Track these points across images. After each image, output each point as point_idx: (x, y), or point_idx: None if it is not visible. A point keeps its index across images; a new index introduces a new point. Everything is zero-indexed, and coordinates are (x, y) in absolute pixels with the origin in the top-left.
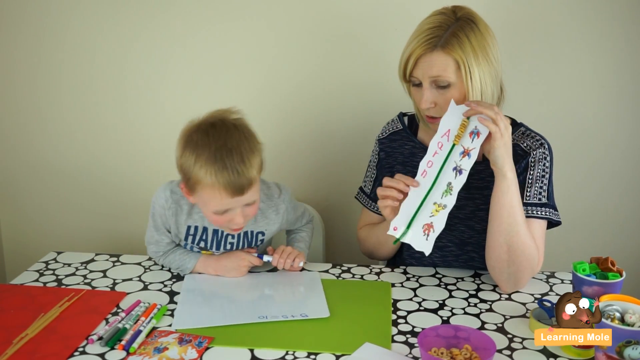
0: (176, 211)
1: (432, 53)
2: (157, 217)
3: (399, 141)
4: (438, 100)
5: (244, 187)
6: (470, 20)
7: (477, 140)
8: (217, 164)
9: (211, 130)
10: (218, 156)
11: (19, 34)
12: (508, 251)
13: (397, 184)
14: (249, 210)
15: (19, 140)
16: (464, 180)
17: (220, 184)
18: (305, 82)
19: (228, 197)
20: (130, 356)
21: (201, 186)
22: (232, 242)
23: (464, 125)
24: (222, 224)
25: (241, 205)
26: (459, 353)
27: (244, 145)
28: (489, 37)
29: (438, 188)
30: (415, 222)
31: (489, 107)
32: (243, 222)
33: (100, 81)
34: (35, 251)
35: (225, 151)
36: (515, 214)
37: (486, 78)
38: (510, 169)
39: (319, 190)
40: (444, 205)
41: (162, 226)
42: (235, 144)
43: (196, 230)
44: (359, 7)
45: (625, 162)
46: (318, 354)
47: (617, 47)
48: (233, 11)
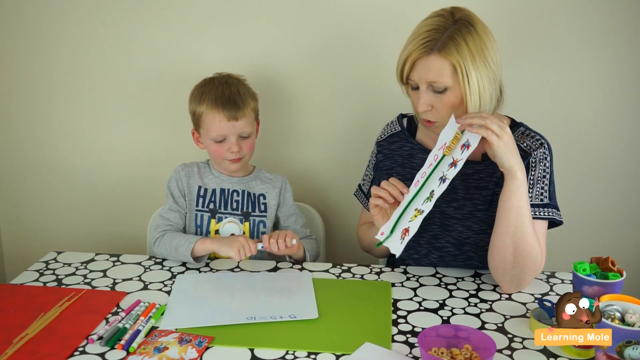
0: (188, 173)
1: (429, 57)
2: (173, 187)
3: (398, 143)
4: (435, 103)
5: (237, 111)
6: (468, 22)
7: (466, 152)
8: (217, 92)
9: (217, 77)
10: (220, 89)
11: (15, 34)
12: (514, 252)
13: (392, 190)
14: (244, 143)
15: (19, 140)
16: (445, 187)
17: (219, 106)
18: (304, 82)
19: (224, 119)
20: (130, 356)
21: (205, 114)
22: (237, 199)
23: (457, 138)
24: (221, 153)
25: (236, 134)
26: (459, 353)
27: (242, 88)
28: (487, 39)
29: (422, 195)
30: (398, 227)
31: (476, 116)
32: (238, 151)
33: (99, 81)
34: (35, 251)
35: (226, 86)
36: (523, 215)
37: (484, 81)
38: (520, 169)
39: (319, 190)
40: (422, 210)
41: (178, 192)
42: (235, 85)
43: (206, 192)
44: (359, 8)
45: (626, 162)
46: (318, 353)
47: (617, 47)
48: (232, 13)
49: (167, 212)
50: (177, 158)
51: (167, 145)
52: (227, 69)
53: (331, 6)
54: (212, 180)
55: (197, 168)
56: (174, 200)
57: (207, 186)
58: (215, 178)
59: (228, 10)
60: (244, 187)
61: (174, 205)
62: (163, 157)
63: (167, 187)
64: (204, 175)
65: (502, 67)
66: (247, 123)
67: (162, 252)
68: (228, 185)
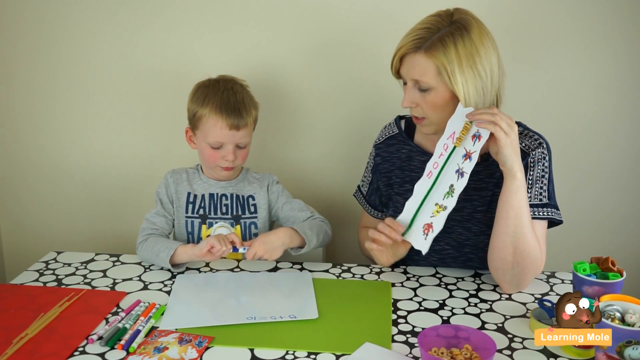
0: (176, 180)
1: (415, 54)
2: (161, 194)
3: (396, 145)
4: (419, 101)
5: (240, 121)
6: (463, 26)
7: (478, 143)
8: (222, 98)
9: (222, 80)
10: (225, 96)
11: (15, 34)
12: (514, 253)
13: (389, 232)
14: (239, 152)
15: (19, 140)
16: (465, 183)
17: (222, 112)
18: (304, 82)
19: (226, 128)
20: (130, 356)
21: (206, 117)
22: (226, 203)
23: (467, 128)
24: (215, 159)
25: (234, 143)
26: (459, 353)
27: (247, 96)
28: (481, 46)
29: (440, 188)
30: (417, 221)
31: (486, 111)
32: (233, 159)
33: (100, 81)
34: (35, 251)
35: (232, 93)
36: (522, 216)
37: (469, 87)
38: (520, 170)
39: (319, 190)
40: (445, 206)
41: (167, 198)
42: (240, 92)
43: (195, 198)
44: (358, 7)
45: (625, 162)
46: (318, 353)
47: (616, 47)
48: (230, 14)
49: (154, 216)
50: (177, 158)
51: (168, 145)
52: (227, 69)
53: (329, 6)
54: (201, 186)
55: (185, 174)
56: (162, 205)
57: (196, 192)
58: (204, 183)
59: (227, 12)
60: (232, 191)
61: (162, 210)
62: (163, 158)
63: (156, 194)
64: (192, 181)
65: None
66: (247, 133)
67: (144, 256)
68: (217, 189)
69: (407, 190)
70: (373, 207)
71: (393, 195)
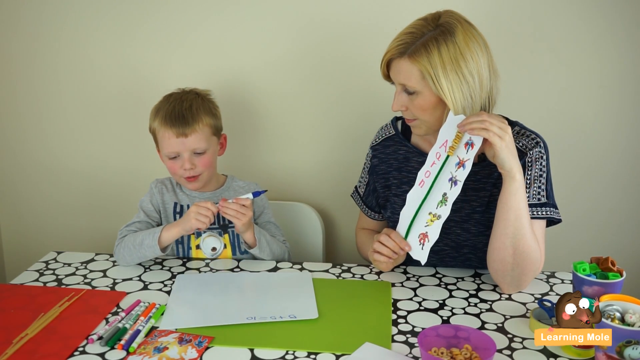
0: (162, 189)
1: (400, 60)
2: (145, 203)
3: (393, 147)
4: (408, 105)
5: (186, 128)
6: (447, 30)
7: (471, 151)
8: (168, 109)
9: (175, 93)
10: (171, 106)
11: (15, 34)
12: (513, 254)
13: (394, 246)
14: (198, 160)
15: (19, 140)
16: (458, 191)
17: (167, 122)
18: (303, 82)
19: (174, 136)
20: (130, 356)
21: (158, 130)
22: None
23: (459, 136)
24: (176, 170)
25: (188, 150)
26: (459, 353)
27: (197, 102)
28: (467, 50)
29: (433, 197)
30: (412, 231)
31: (475, 120)
32: (190, 168)
33: (99, 81)
34: (35, 251)
35: (178, 102)
36: (522, 217)
37: (454, 92)
38: (519, 171)
39: (319, 190)
40: (439, 215)
41: (152, 207)
42: (189, 100)
43: (182, 209)
44: (354, 11)
45: (625, 162)
46: (318, 353)
47: (617, 47)
48: (229, 15)
49: (134, 223)
50: None
51: None
52: (221, 75)
53: (322, 11)
54: (185, 198)
55: (170, 184)
56: (145, 215)
57: (182, 202)
58: (187, 195)
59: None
60: (217, 201)
61: (145, 218)
62: None
63: (140, 204)
64: (177, 191)
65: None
66: (199, 139)
67: (123, 254)
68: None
69: (405, 192)
70: (370, 208)
71: (391, 196)
